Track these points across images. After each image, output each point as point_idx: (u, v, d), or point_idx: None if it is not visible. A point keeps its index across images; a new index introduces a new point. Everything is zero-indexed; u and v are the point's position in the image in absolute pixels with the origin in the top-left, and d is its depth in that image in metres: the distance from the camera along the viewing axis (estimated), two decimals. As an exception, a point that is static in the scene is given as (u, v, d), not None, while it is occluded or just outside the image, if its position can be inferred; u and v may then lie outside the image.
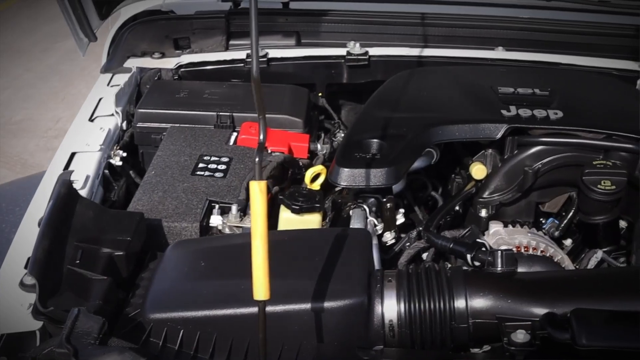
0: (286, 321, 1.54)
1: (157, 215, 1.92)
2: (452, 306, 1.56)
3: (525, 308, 1.55)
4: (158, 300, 1.61)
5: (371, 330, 1.57)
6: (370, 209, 2.02)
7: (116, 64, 2.66)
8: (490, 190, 2.16)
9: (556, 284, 1.63)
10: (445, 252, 1.86)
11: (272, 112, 2.36)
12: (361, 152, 1.99)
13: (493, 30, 2.73)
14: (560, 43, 2.71)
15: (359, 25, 2.76)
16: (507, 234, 1.92)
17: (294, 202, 1.85)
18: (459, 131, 2.11)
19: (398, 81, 2.38)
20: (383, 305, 1.57)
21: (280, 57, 2.63)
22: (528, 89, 2.28)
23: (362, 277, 1.58)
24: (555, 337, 1.48)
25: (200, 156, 2.16)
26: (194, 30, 2.70)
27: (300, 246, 1.70)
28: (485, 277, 1.62)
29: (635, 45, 2.67)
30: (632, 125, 2.13)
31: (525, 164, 2.12)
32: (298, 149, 2.28)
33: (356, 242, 1.69)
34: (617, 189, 1.98)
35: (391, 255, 2.02)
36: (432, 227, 1.92)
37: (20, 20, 7.93)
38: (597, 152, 2.12)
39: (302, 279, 1.58)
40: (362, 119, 2.19)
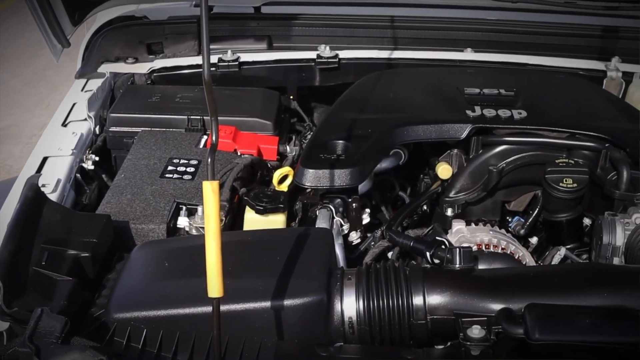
0: (247, 319, 1.57)
1: (125, 217, 1.95)
2: (410, 303, 1.59)
3: (482, 304, 1.58)
4: (122, 300, 1.63)
5: (331, 327, 1.60)
6: (337, 209, 2.05)
7: (90, 70, 2.69)
8: (456, 189, 2.20)
9: (513, 280, 1.66)
10: (407, 251, 1.89)
11: (243, 115, 2.40)
12: (326, 153, 2.02)
13: (461, 32, 2.77)
14: (527, 44, 2.75)
15: (330, 29, 2.80)
16: (469, 232, 1.95)
17: (258, 203, 1.88)
18: (424, 132, 2.14)
19: (366, 83, 2.42)
20: (342, 302, 1.60)
21: (251, 60, 2.66)
22: (494, 89, 2.32)
23: (321, 275, 1.61)
24: (510, 332, 1.51)
25: (169, 159, 2.18)
26: (166, 36, 2.73)
27: (262, 246, 1.73)
28: (443, 274, 1.65)
29: (601, 45, 2.71)
30: (595, 123, 2.17)
31: (490, 164, 2.16)
32: (267, 151, 2.31)
33: (317, 242, 1.72)
34: (579, 186, 2.02)
35: (357, 254, 2.05)
36: (394, 226, 1.95)
37: (6, 27, 7.94)
38: (561, 150, 2.16)
39: (262, 278, 1.61)
40: (328, 120, 2.22)
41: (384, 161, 2.24)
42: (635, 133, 2.14)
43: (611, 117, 2.25)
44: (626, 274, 1.67)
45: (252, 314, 1.57)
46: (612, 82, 2.59)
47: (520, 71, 2.61)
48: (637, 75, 2.59)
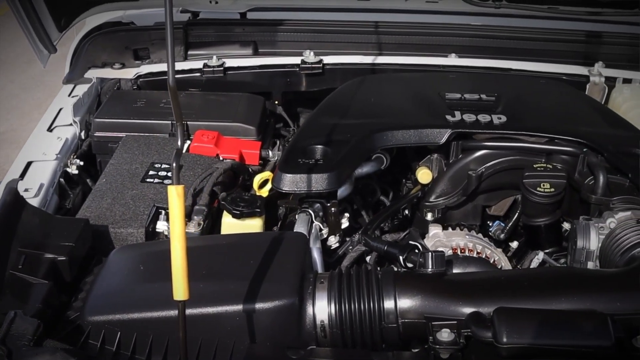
0: (219, 322, 1.58)
1: (105, 221, 1.97)
2: (381, 306, 1.60)
3: (452, 308, 1.60)
4: (97, 303, 1.65)
5: (303, 330, 1.61)
6: (316, 214, 2.06)
7: (78, 75, 2.71)
8: (436, 194, 2.21)
9: (484, 284, 1.67)
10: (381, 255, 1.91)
11: (226, 120, 2.43)
12: (305, 158, 2.04)
13: (445, 38, 2.79)
14: (511, 49, 2.77)
15: (315, 35, 2.82)
16: (446, 236, 1.96)
17: (235, 207, 1.90)
18: (404, 136, 2.16)
19: (348, 88, 2.44)
20: (314, 306, 1.61)
21: (236, 66, 2.69)
22: (475, 94, 2.33)
23: (293, 279, 1.63)
24: (478, 335, 1.52)
25: (151, 164, 2.20)
26: (152, 41, 2.75)
27: (236, 250, 1.75)
28: (414, 278, 1.66)
29: (584, 50, 2.73)
30: (574, 128, 2.18)
31: (470, 168, 2.17)
32: (249, 155, 2.33)
33: (291, 246, 1.74)
34: (556, 191, 2.03)
35: (335, 258, 2.06)
36: (370, 230, 1.97)
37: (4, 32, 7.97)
38: (540, 155, 2.17)
39: (235, 281, 1.63)
40: (308, 125, 2.24)
41: (366, 166, 2.25)
42: (614, 138, 2.15)
43: (591, 122, 2.27)
44: (596, 278, 1.68)
45: (224, 317, 1.58)
46: (595, 87, 2.60)
47: (502, 76, 2.62)
48: (619, 80, 2.61)
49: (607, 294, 1.61)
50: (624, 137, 2.17)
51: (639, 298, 1.60)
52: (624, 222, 1.84)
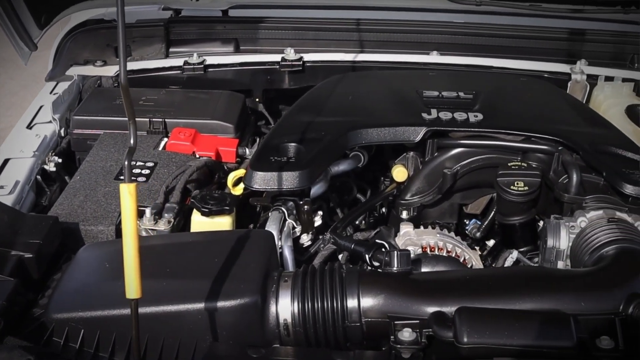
0: (181, 320, 1.58)
1: (76, 218, 1.97)
2: (344, 305, 1.59)
3: (415, 307, 1.58)
4: (61, 301, 1.65)
5: (267, 329, 1.61)
6: (290, 212, 2.06)
7: (60, 72, 2.72)
8: (411, 192, 2.20)
9: (448, 283, 1.66)
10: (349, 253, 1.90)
11: (204, 118, 2.42)
12: (277, 155, 2.03)
13: (427, 35, 2.78)
14: (493, 47, 2.76)
15: (297, 32, 2.82)
16: (417, 234, 1.96)
17: (204, 205, 1.89)
18: (378, 134, 2.15)
19: (326, 86, 2.43)
20: (278, 304, 1.60)
21: (217, 63, 2.68)
22: (453, 92, 2.32)
23: (256, 277, 1.62)
24: (440, 335, 1.51)
25: (126, 161, 2.20)
26: (134, 39, 2.75)
27: (201, 248, 1.74)
28: (378, 277, 1.65)
29: (567, 48, 2.71)
30: (550, 127, 2.17)
31: (445, 166, 2.16)
32: (226, 153, 2.33)
33: (257, 244, 1.73)
34: (530, 190, 2.02)
35: (307, 256, 2.05)
36: (340, 228, 1.96)
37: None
38: (516, 153, 2.16)
39: (199, 279, 1.62)
40: (282, 123, 2.24)
41: (342, 164, 2.24)
42: (591, 137, 2.14)
43: (568, 120, 2.25)
44: (562, 278, 1.67)
45: (186, 315, 1.58)
46: (577, 85, 2.58)
47: (482, 74, 2.61)
48: (601, 78, 2.59)
49: (571, 294, 1.59)
50: (601, 136, 2.16)
51: (603, 298, 1.59)
52: (594, 222, 1.83)
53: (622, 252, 1.70)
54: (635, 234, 1.77)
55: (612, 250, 1.72)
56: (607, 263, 1.68)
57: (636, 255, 1.69)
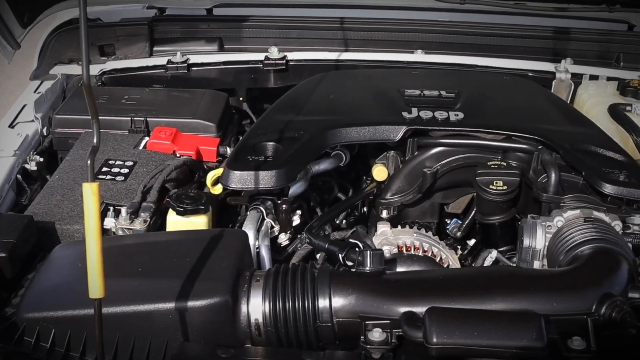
0: (152, 319, 1.57)
1: (53, 217, 1.96)
2: (315, 305, 1.58)
3: (386, 307, 1.58)
4: (33, 300, 1.65)
5: (238, 329, 1.60)
6: (268, 211, 2.05)
7: (44, 71, 2.71)
8: (391, 191, 2.19)
9: (420, 284, 1.65)
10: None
11: (185, 117, 2.42)
12: (255, 155, 2.02)
13: (412, 34, 2.77)
14: (478, 45, 2.75)
15: (281, 31, 2.81)
16: (393, 234, 1.94)
17: (179, 204, 1.89)
18: (358, 133, 2.14)
19: (308, 84, 2.42)
20: (249, 304, 1.60)
21: (200, 62, 2.68)
22: (435, 91, 2.31)
23: (228, 276, 1.61)
24: (410, 335, 1.50)
25: (106, 160, 2.20)
26: (117, 38, 2.75)
27: (174, 247, 1.73)
28: (350, 277, 1.64)
29: (552, 46, 2.70)
30: (531, 126, 2.16)
31: (425, 165, 2.15)
32: (207, 152, 2.32)
33: (230, 243, 1.72)
34: (509, 189, 2.01)
35: (284, 256, 2.04)
36: (315, 228, 1.95)
37: (3, 29, 8.00)
38: (496, 153, 2.15)
39: (170, 279, 1.61)
40: (261, 122, 2.23)
41: (323, 163, 2.24)
42: (572, 136, 2.13)
43: (550, 119, 2.24)
44: (534, 278, 1.66)
45: (157, 314, 1.57)
46: (561, 84, 2.57)
47: (465, 73, 2.60)
48: (586, 77, 2.57)
49: (543, 294, 1.58)
50: (582, 135, 2.15)
51: (576, 298, 1.58)
52: (571, 221, 1.81)
53: (596, 252, 1.69)
54: (611, 233, 1.76)
55: (587, 250, 1.70)
56: (581, 263, 1.67)
57: (611, 255, 1.68)
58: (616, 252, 1.69)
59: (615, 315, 1.53)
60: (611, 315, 1.53)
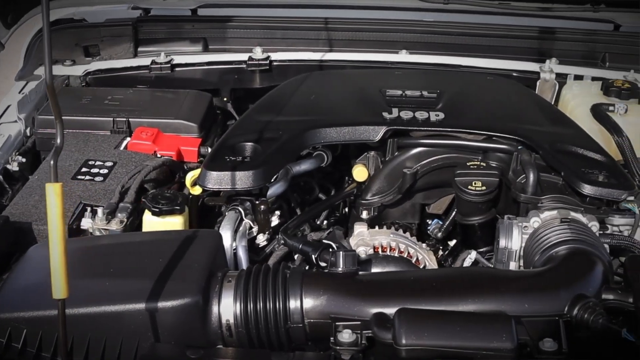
0: (123, 320, 1.56)
1: (30, 218, 1.96)
2: (286, 306, 1.57)
3: (358, 308, 1.57)
4: (4, 301, 1.64)
5: (209, 329, 1.59)
6: (247, 212, 2.04)
7: (29, 72, 2.71)
8: (372, 192, 2.18)
9: (392, 284, 1.64)
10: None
11: (167, 118, 2.41)
12: (233, 155, 2.02)
13: (396, 34, 2.76)
14: (463, 45, 2.74)
15: (266, 31, 2.81)
16: (370, 235, 1.94)
17: (154, 205, 1.88)
18: (337, 133, 2.13)
19: (290, 85, 2.42)
20: (220, 305, 1.59)
21: (184, 62, 2.68)
22: (416, 91, 2.30)
23: (199, 277, 1.61)
24: (379, 336, 1.49)
25: (85, 161, 2.20)
26: (102, 38, 2.75)
27: (147, 248, 1.73)
28: (322, 278, 1.64)
29: (537, 46, 2.69)
30: (512, 126, 2.15)
31: (405, 166, 2.15)
32: (188, 153, 2.32)
33: (202, 244, 1.71)
34: (488, 189, 2.00)
35: (262, 256, 2.04)
36: (290, 229, 1.94)
37: (1, 29, 8.01)
38: (476, 153, 2.14)
39: (141, 280, 1.60)
40: (241, 122, 2.22)
41: (304, 163, 2.23)
42: (552, 136, 2.12)
43: (531, 119, 2.23)
44: (507, 280, 1.65)
45: (127, 315, 1.56)
46: (546, 84, 2.56)
47: (448, 73, 2.59)
48: (570, 77, 2.56)
49: (515, 295, 1.57)
50: (563, 135, 2.14)
51: (548, 300, 1.57)
52: (547, 222, 1.81)
53: (571, 253, 1.68)
54: (588, 234, 1.75)
55: (562, 250, 1.70)
56: (555, 264, 1.66)
57: (586, 256, 1.67)
58: (591, 253, 1.68)
59: (588, 317, 1.52)
60: (583, 317, 1.52)
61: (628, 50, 2.64)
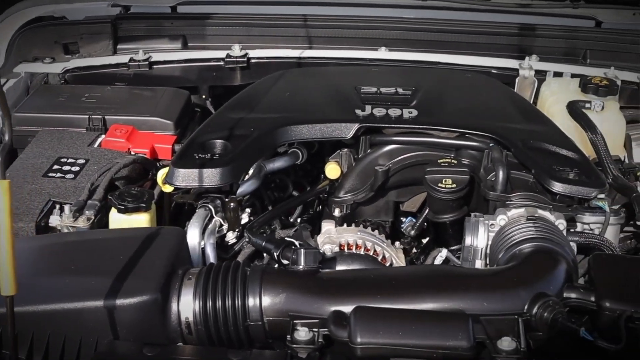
0: (82, 317, 1.56)
1: None
2: (245, 304, 1.57)
3: (316, 306, 1.56)
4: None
5: (169, 327, 1.59)
6: (217, 209, 2.04)
7: (9, 69, 2.71)
8: (344, 189, 2.17)
9: (352, 283, 1.63)
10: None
11: (143, 115, 2.41)
12: (202, 152, 2.01)
13: (376, 31, 2.74)
14: (443, 42, 2.72)
15: (245, 28, 2.80)
16: (337, 232, 1.93)
17: (120, 202, 1.88)
18: (309, 131, 2.12)
19: (265, 82, 2.41)
20: (179, 302, 1.59)
21: (162, 60, 2.67)
22: (392, 88, 2.29)
23: (158, 274, 1.60)
24: (335, 334, 1.49)
25: (57, 158, 2.19)
26: (81, 36, 2.75)
27: (109, 245, 1.73)
28: (282, 276, 1.63)
29: (517, 43, 2.67)
30: (486, 123, 2.13)
31: (377, 163, 2.13)
32: (162, 150, 2.31)
33: (165, 241, 1.71)
34: (458, 187, 1.98)
35: (231, 254, 2.03)
36: (256, 226, 1.93)
37: None
38: (449, 150, 2.12)
39: (101, 277, 1.60)
40: (212, 120, 2.21)
41: (278, 160, 2.22)
42: (525, 133, 2.10)
43: (506, 117, 2.22)
44: (467, 278, 1.64)
45: (86, 312, 1.56)
46: (525, 81, 2.54)
47: (426, 70, 2.58)
48: (550, 74, 2.54)
49: (475, 293, 1.56)
50: (537, 133, 2.12)
51: (508, 298, 1.56)
52: (513, 219, 1.79)
53: (534, 251, 1.67)
54: (553, 232, 1.74)
55: (526, 249, 1.68)
56: (517, 262, 1.65)
57: (549, 254, 1.66)
58: (555, 251, 1.66)
59: (547, 316, 1.51)
60: (543, 316, 1.51)
61: (609, 47, 2.62)
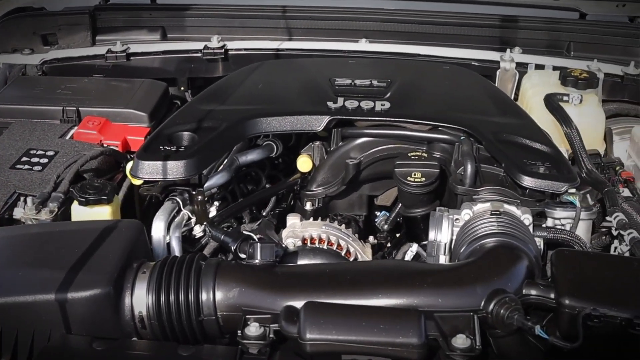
0: (35, 310, 1.54)
1: None
2: (198, 298, 1.55)
3: (269, 301, 1.54)
4: None
5: (122, 321, 1.57)
6: (185, 202, 2.01)
7: (-14, 60, 2.71)
8: (316, 183, 2.14)
9: (307, 278, 1.60)
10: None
11: (117, 107, 2.39)
12: (169, 144, 1.99)
13: (356, 22, 2.71)
14: (424, 34, 2.67)
15: (224, 20, 2.78)
16: (302, 226, 1.90)
17: (81, 194, 1.86)
18: (279, 123, 2.09)
19: (239, 74, 2.39)
20: (133, 297, 1.57)
21: (140, 52, 2.65)
22: (366, 80, 2.25)
23: (112, 268, 1.58)
24: (285, 330, 1.46)
25: (27, 150, 2.18)
26: (59, 27, 2.73)
27: (65, 238, 1.71)
28: (236, 270, 1.60)
29: (500, 35, 2.62)
30: (458, 116, 2.09)
31: (349, 156, 2.10)
32: (135, 142, 2.29)
33: (121, 234, 1.69)
34: (428, 181, 1.95)
35: (198, 247, 2.01)
36: (218, 219, 1.91)
37: None
38: (422, 143, 2.09)
39: (55, 270, 1.58)
40: (181, 111, 2.18)
41: (252, 153, 2.20)
42: (498, 126, 2.06)
43: (480, 109, 2.17)
44: (423, 273, 1.59)
45: (39, 305, 1.54)
46: (506, 74, 2.49)
47: (403, 62, 2.53)
48: (531, 67, 2.49)
49: (430, 289, 1.53)
50: (510, 126, 2.08)
51: (463, 294, 1.52)
52: (478, 214, 1.75)
53: (495, 247, 1.63)
54: (517, 228, 1.69)
55: (487, 244, 1.64)
56: (476, 257, 1.61)
57: (509, 250, 1.62)
58: (515, 247, 1.62)
59: (504, 313, 1.47)
60: (499, 312, 1.48)
61: (593, 39, 2.57)
